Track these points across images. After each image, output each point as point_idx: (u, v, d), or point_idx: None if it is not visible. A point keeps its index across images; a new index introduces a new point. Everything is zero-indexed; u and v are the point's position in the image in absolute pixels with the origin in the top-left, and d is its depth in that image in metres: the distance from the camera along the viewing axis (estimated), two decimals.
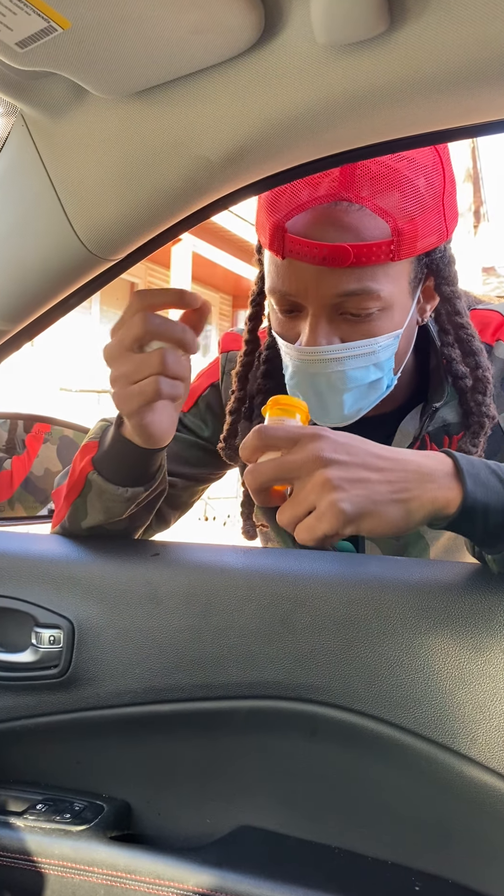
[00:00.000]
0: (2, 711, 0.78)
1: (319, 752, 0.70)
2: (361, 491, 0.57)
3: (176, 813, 0.77)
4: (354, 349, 0.78)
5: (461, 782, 0.62)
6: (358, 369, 0.80)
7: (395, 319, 0.80)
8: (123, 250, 0.66)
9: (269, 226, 0.77)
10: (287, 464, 0.58)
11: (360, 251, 0.73)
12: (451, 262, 0.85)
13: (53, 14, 0.43)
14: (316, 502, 0.57)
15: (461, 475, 0.60)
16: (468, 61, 0.44)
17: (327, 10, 0.43)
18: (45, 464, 1.21)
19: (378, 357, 0.80)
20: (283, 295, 0.79)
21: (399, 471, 0.59)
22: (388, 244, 0.74)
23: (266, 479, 0.59)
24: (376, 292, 0.76)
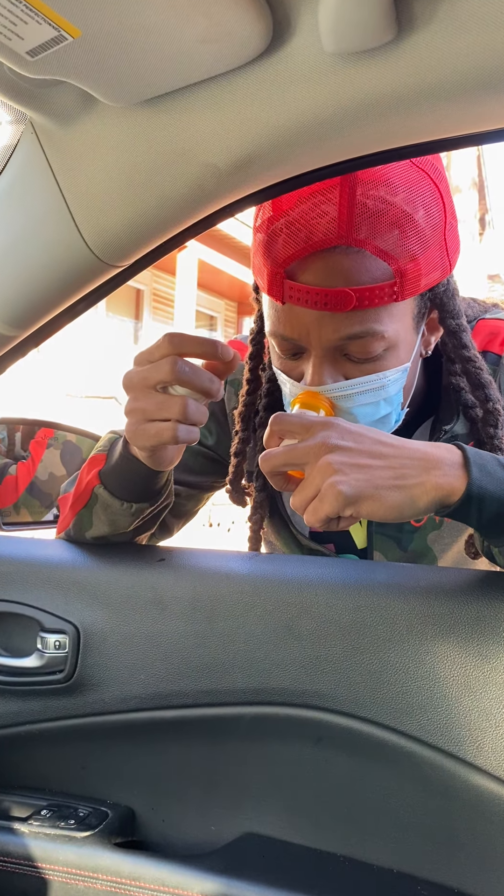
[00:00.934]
0: (7, 716, 0.78)
1: (324, 760, 0.70)
2: (362, 475, 0.60)
3: (180, 819, 0.77)
4: (361, 385, 0.77)
5: (467, 790, 0.61)
6: (367, 405, 0.78)
7: (400, 356, 0.78)
8: (131, 257, 0.66)
9: (267, 271, 0.75)
10: (297, 449, 0.62)
11: (363, 294, 0.71)
12: (454, 294, 0.83)
13: (64, 23, 0.43)
14: (320, 486, 0.60)
15: (468, 464, 0.61)
16: (475, 69, 0.44)
17: (335, 19, 0.43)
18: (49, 468, 1.21)
19: (387, 392, 0.79)
20: (283, 339, 0.78)
21: (404, 458, 0.62)
22: (391, 286, 0.72)
23: (278, 464, 0.63)
24: (380, 333, 0.74)
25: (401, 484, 0.60)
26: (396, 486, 0.60)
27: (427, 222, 0.73)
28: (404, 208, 0.72)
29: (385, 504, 0.60)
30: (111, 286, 0.70)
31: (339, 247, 0.72)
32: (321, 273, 0.72)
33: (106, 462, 0.80)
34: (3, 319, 0.71)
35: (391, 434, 0.65)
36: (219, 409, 1.01)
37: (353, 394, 0.77)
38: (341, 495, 0.59)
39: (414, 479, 0.60)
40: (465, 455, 0.62)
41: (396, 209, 0.71)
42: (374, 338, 0.74)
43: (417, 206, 0.73)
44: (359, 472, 0.60)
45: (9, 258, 0.67)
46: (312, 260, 0.73)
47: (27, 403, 5.98)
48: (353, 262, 0.72)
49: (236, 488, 0.96)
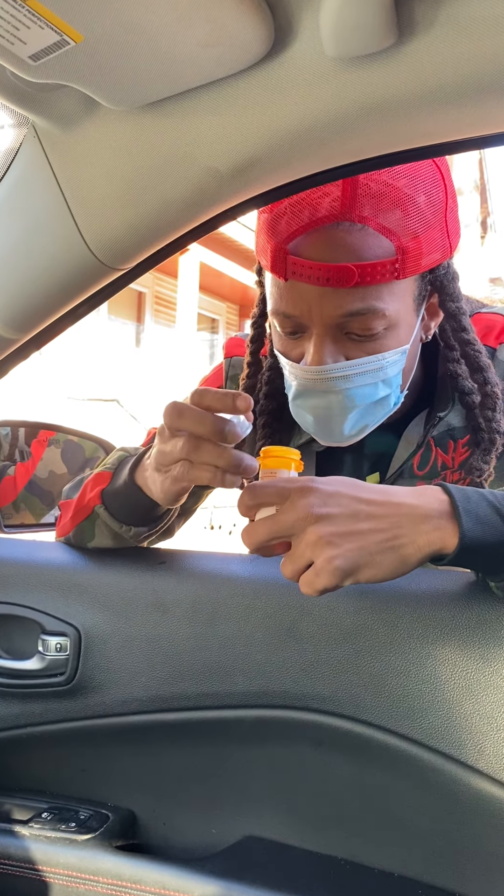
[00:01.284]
0: (8, 719, 0.78)
1: (326, 763, 0.70)
2: (354, 544, 0.58)
3: (181, 822, 0.77)
4: (361, 366, 0.78)
5: (468, 794, 0.61)
6: (365, 386, 0.79)
7: (400, 337, 0.79)
8: (133, 260, 0.66)
9: (271, 248, 0.76)
10: (280, 523, 0.59)
11: (364, 271, 0.72)
12: (454, 278, 0.84)
13: (66, 28, 0.44)
14: (312, 558, 0.58)
15: (457, 512, 0.59)
16: (476, 74, 0.44)
17: (336, 24, 0.43)
18: (49, 466, 1.21)
19: (386, 373, 0.79)
20: (286, 316, 0.79)
21: (391, 516, 0.59)
22: (392, 263, 0.73)
23: (262, 540, 0.60)
24: (381, 311, 0.75)
25: (393, 545, 0.58)
26: (388, 549, 0.58)
27: (428, 204, 0.75)
28: (406, 191, 0.73)
29: (380, 569, 0.58)
30: (113, 289, 0.70)
31: (342, 223, 0.73)
32: (324, 249, 0.73)
33: (111, 482, 0.79)
34: (5, 322, 0.72)
35: (370, 484, 0.63)
36: None
37: (352, 374, 0.78)
38: (338, 570, 0.57)
39: (404, 539, 0.59)
40: (452, 502, 0.60)
41: (399, 191, 0.73)
42: (375, 315, 0.75)
43: (419, 189, 0.74)
44: (350, 542, 0.58)
45: (11, 261, 0.67)
46: (315, 236, 0.74)
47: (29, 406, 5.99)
48: (356, 239, 0.73)
49: None
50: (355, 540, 0.58)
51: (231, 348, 1.04)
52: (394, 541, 0.58)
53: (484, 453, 0.85)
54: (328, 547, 0.57)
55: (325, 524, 0.58)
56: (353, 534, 0.58)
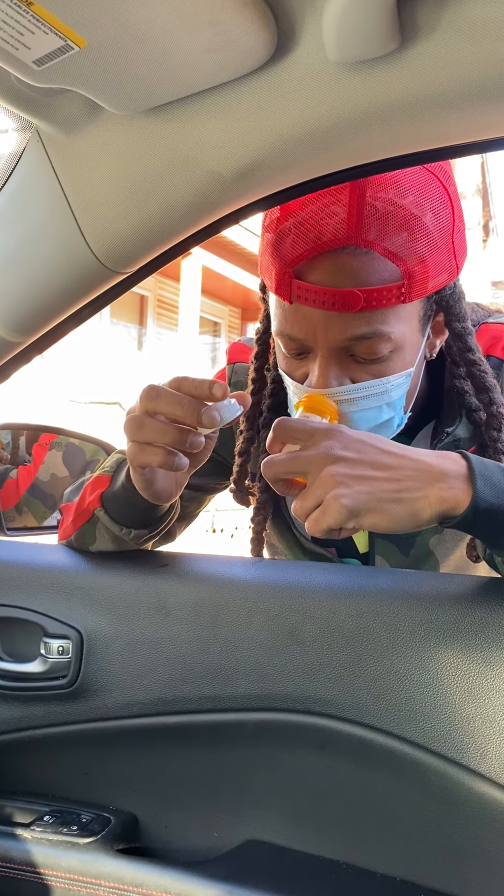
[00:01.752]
0: (10, 722, 0.78)
1: (328, 766, 0.70)
2: (364, 488, 0.59)
3: (183, 826, 0.76)
4: (365, 389, 0.77)
5: (471, 798, 0.61)
6: (369, 410, 0.78)
7: (406, 359, 0.78)
8: (135, 263, 0.67)
9: (276, 271, 0.75)
10: (299, 458, 0.62)
11: (370, 296, 0.72)
12: (461, 297, 0.83)
13: (70, 33, 0.44)
14: (322, 497, 0.60)
15: (473, 476, 0.61)
16: (478, 78, 0.45)
17: (339, 28, 0.43)
18: (51, 469, 1.21)
19: (390, 396, 0.79)
20: (290, 338, 0.78)
21: (407, 469, 0.61)
22: (399, 287, 0.72)
23: (280, 472, 0.63)
24: (387, 335, 0.74)
25: (404, 497, 0.60)
26: (399, 499, 0.60)
27: (435, 225, 0.74)
28: (413, 211, 0.72)
29: (387, 517, 0.59)
30: (116, 292, 0.70)
31: (347, 247, 0.72)
32: (329, 273, 0.73)
33: (109, 485, 0.79)
34: (8, 325, 0.72)
35: (395, 442, 0.64)
36: None
37: (356, 398, 0.77)
38: (344, 508, 0.58)
39: (417, 492, 0.60)
40: (469, 466, 0.61)
41: (405, 211, 0.72)
42: (380, 339, 0.75)
43: (426, 209, 0.73)
44: (361, 485, 0.59)
45: (14, 264, 0.68)
46: (321, 260, 0.73)
47: (31, 409, 6.00)
48: (362, 263, 0.72)
49: (240, 488, 0.96)
50: (367, 484, 0.60)
51: (234, 354, 1.03)
52: (405, 492, 0.60)
53: None
54: (338, 486, 0.59)
55: (341, 465, 0.60)
56: (366, 478, 0.60)
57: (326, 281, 0.72)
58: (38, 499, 1.17)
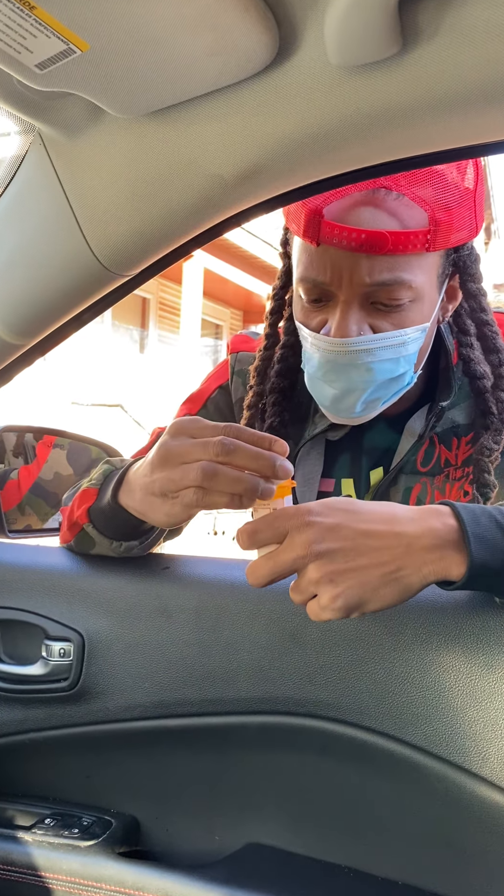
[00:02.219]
0: (11, 724, 0.78)
1: (329, 769, 0.70)
2: (356, 580, 0.57)
3: (184, 829, 0.76)
4: (384, 340, 0.78)
5: (472, 801, 0.61)
6: (386, 361, 0.79)
7: (423, 312, 0.80)
8: (137, 266, 0.67)
9: (305, 212, 0.76)
10: (281, 563, 0.58)
11: (398, 239, 0.73)
12: (476, 259, 0.86)
13: (72, 37, 0.44)
14: (316, 592, 0.58)
15: (466, 538, 0.58)
16: (479, 82, 0.45)
17: (341, 32, 0.43)
18: (54, 468, 1.21)
19: (407, 349, 0.80)
20: (314, 283, 0.79)
21: (393, 548, 0.58)
22: (425, 234, 0.74)
23: (265, 580, 0.59)
24: (409, 282, 0.76)
25: (396, 577, 0.58)
26: (392, 580, 0.57)
27: (461, 182, 0.76)
28: (440, 167, 0.75)
29: (385, 601, 0.58)
30: (118, 295, 0.71)
31: (378, 190, 0.74)
32: (359, 214, 0.74)
33: (97, 499, 0.77)
34: (10, 328, 0.72)
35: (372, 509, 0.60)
36: (224, 401, 1.01)
37: (375, 348, 0.78)
38: (342, 608, 0.57)
39: (408, 569, 0.58)
40: (461, 526, 0.59)
41: (434, 168, 0.74)
42: (402, 286, 0.76)
43: (452, 168, 0.76)
44: (352, 578, 0.57)
45: (16, 267, 0.68)
46: (351, 201, 0.74)
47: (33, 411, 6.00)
48: (392, 206, 0.74)
49: None
50: (357, 576, 0.57)
51: (237, 344, 1.04)
52: (396, 573, 0.58)
53: (495, 433, 0.86)
54: (330, 585, 0.57)
55: (326, 562, 0.57)
56: (355, 570, 0.57)
57: (355, 221, 0.74)
58: (40, 498, 1.17)
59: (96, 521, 0.78)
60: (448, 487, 0.91)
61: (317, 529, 0.57)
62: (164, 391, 8.96)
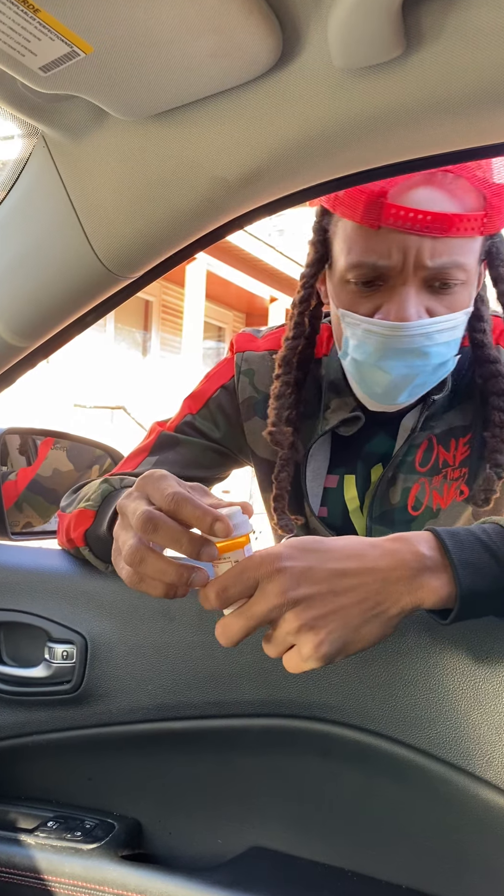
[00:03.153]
0: (14, 727, 0.78)
1: (332, 772, 0.70)
2: (336, 624, 0.54)
3: (187, 832, 0.76)
4: (442, 323, 0.78)
5: (476, 805, 0.61)
6: (441, 345, 0.79)
7: (470, 295, 0.81)
8: (141, 268, 0.67)
9: (365, 196, 0.75)
10: (255, 617, 0.54)
11: (461, 221, 0.74)
12: None
13: (76, 39, 0.44)
14: (295, 642, 0.54)
15: (453, 567, 0.56)
16: (482, 84, 0.45)
17: (344, 34, 0.43)
18: (53, 464, 1.21)
19: (457, 333, 0.81)
20: (373, 267, 0.78)
21: (369, 584, 0.55)
22: (482, 217, 0.75)
23: (239, 637, 0.55)
24: (464, 265, 0.77)
25: (375, 612, 0.55)
26: (373, 617, 0.55)
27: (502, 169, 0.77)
28: None
29: (368, 639, 0.55)
30: (120, 298, 0.71)
31: (437, 173, 0.74)
32: (424, 196, 0.74)
33: (93, 524, 0.75)
34: (14, 330, 0.72)
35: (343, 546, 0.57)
36: (227, 401, 1.00)
37: (432, 332, 0.78)
38: (326, 656, 0.54)
39: (387, 603, 0.55)
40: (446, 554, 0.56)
41: None
42: (459, 268, 0.77)
43: None
44: (332, 622, 0.54)
45: (20, 269, 0.68)
46: (413, 183, 0.75)
47: (36, 413, 6.01)
48: (452, 189, 0.75)
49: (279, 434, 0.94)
50: (338, 619, 0.54)
51: (242, 343, 1.02)
52: (375, 608, 0.55)
53: None
54: (311, 633, 0.53)
55: (303, 608, 0.53)
56: (335, 612, 0.54)
57: (419, 203, 0.74)
58: (38, 494, 1.17)
59: (93, 545, 0.76)
60: (445, 487, 0.91)
61: (289, 575, 0.54)
62: (166, 393, 8.97)
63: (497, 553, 0.57)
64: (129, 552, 0.54)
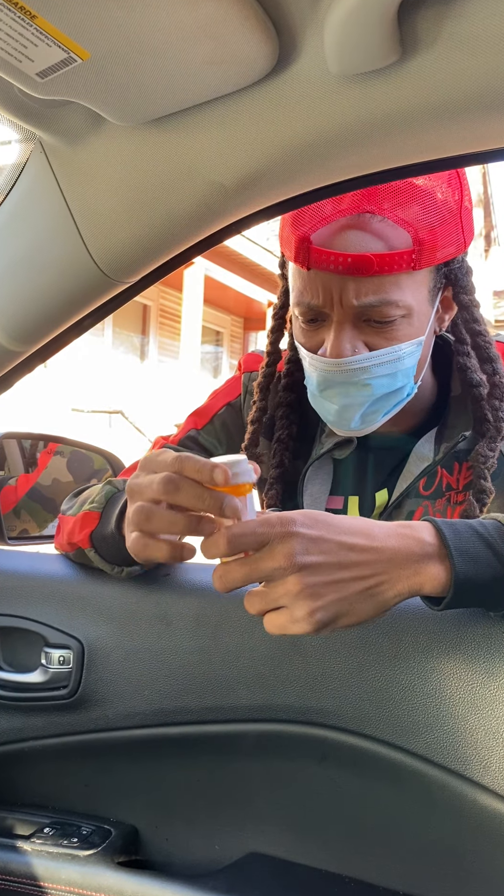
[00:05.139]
0: (11, 732, 0.78)
1: (329, 778, 0.69)
2: (335, 595, 0.56)
3: (184, 838, 0.76)
4: (379, 357, 0.80)
5: (474, 810, 0.61)
6: (383, 377, 0.81)
7: (416, 327, 0.82)
8: (138, 273, 0.67)
9: (295, 239, 0.79)
10: (259, 570, 0.55)
11: (383, 260, 0.75)
12: (468, 272, 0.87)
13: (73, 45, 0.44)
14: (289, 605, 0.55)
15: (450, 554, 0.58)
16: (478, 90, 0.45)
17: (340, 41, 0.44)
18: (53, 474, 1.21)
19: (403, 364, 0.82)
20: (308, 306, 0.81)
21: (374, 563, 0.57)
22: (410, 254, 0.76)
23: (237, 585, 0.56)
24: (396, 301, 0.78)
25: (373, 593, 0.57)
26: (369, 596, 0.57)
27: (445, 200, 0.78)
28: (424, 186, 0.77)
29: (359, 616, 0.57)
30: (118, 302, 0.71)
31: (363, 215, 0.76)
32: (345, 239, 0.77)
33: (99, 525, 0.76)
34: (11, 335, 0.72)
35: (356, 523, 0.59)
36: (231, 419, 1.01)
37: (370, 366, 0.80)
38: (319, 623, 0.55)
39: (386, 584, 0.57)
40: (443, 542, 0.59)
41: (417, 187, 0.77)
42: (392, 304, 0.78)
43: (436, 187, 0.78)
44: (333, 593, 0.56)
45: (17, 274, 0.68)
46: (337, 226, 0.77)
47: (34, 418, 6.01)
48: (376, 230, 0.76)
49: (251, 454, 0.97)
50: (338, 590, 0.56)
51: (249, 363, 1.05)
52: (375, 588, 0.57)
53: (490, 441, 0.88)
54: (310, 598, 0.55)
55: (308, 574, 0.55)
56: (336, 583, 0.56)
57: (342, 246, 0.76)
58: (37, 503, 1.17)
59: (99, 547, 0.76)
60: (449, 511, 0.92)
61: (300, 540, 0.56)
62: (164, 398, 8.97)
63: (493, 545, 0.59)
64: (136, 511, 0.58)
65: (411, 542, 0.59)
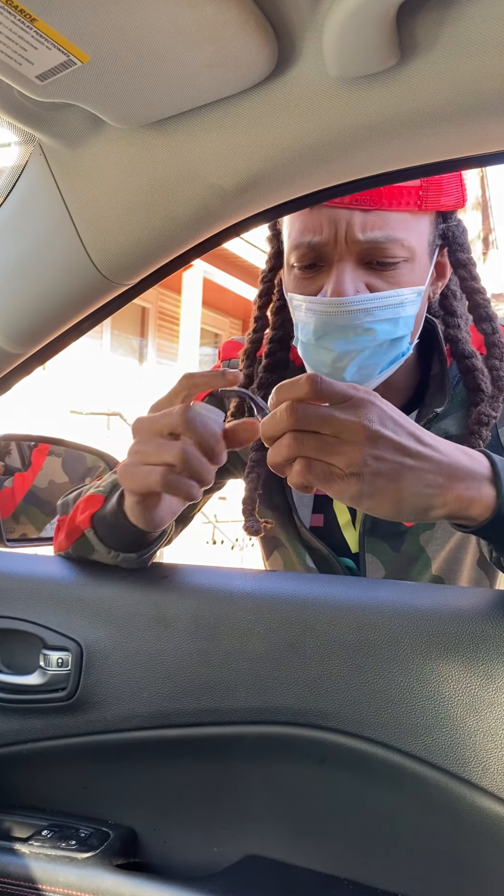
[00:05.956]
0: (9, 734, 0.77)
1: (328, 780, 0.69)
2: (386, 474, 0.55)
3: (182, 841, 0.76)
4: (382, 299, 0.78)
5: (473, 812, 0.61)
6: (385, 322, 0.79)
7: (417, 274, 0.80)
8: (137, 275, 0.67)
9: None
10: (334, 420, 0.55)
11: (392, 193, 0.75)
12: (464, 231, 0.87)
13: (73, 48, 0.44)
14: (340, 464, 0.55)
15: (498, 480, 0.59)
16: (476, 93, 0.45)
17: (339, 44, 0.44)
18: (49, 476, 1.21)
19: (405, 310, 0.80)
20: (308, 246, 0.79)
21: (435, 462, 0.57)
22: (417, 190, 0.76)
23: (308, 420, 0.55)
24: (402, 240, 0.77)
25: (423, 493, 0.57)
26: (416, 494, 0.57)
27: None
28: None
29: (393, 507, 0.57)
30: (117, 304, 0.71)
31: None
32: None
33: (102, 506, 0.78)
34: (10, 337, 0.72)
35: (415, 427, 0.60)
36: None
37: (373, 308, 0.78)
38: (356, 492, 0.55)
39: (437, 488, 0.57)
40: (494, 469, 0.60)
41: None
42: (396, 243, 0.77)
43: None
44: (386, 470, 0.55)
45: (16, 277, 0.68)
46: None
47: (32, 420, 6.00)
48: None
49: None
50: (390, 471, 0.56)
51: (228, 351, 1.04)
52: (426, 487, 0.57)
53: (492, 400, 0.86)
54: (364, 465, 0.54)
55: (373, 442, 0.55)
56: (394, 462, 0.56)
57: None
58: (34, 506, 1.17)
59: (99, 527, 0.78)
60: None
61: (379, 411, 0.56)
62: None
63: None
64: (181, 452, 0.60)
65: (473, 461, 0.59)
